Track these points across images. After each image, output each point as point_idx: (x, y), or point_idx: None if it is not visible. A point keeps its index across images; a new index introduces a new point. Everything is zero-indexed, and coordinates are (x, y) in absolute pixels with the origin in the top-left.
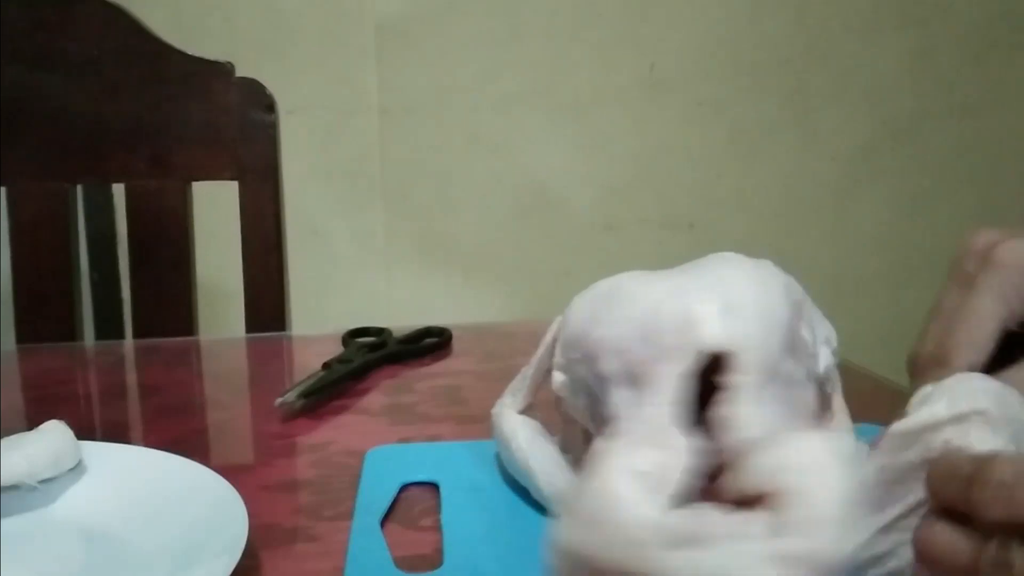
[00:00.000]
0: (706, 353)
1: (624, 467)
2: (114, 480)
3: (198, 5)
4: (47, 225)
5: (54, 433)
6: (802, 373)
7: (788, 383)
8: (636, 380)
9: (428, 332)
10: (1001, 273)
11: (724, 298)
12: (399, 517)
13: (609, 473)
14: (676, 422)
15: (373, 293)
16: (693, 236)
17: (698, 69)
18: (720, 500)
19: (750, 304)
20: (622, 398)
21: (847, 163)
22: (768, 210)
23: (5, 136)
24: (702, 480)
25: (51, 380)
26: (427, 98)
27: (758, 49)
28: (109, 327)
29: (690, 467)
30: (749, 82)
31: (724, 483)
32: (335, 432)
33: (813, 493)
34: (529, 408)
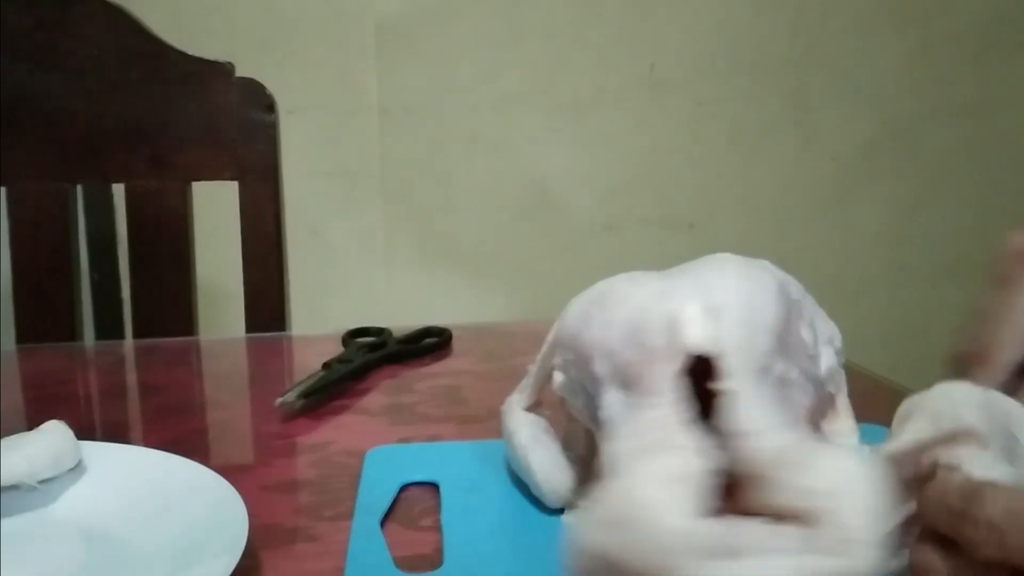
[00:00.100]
0: (692, 355)
1: (658, 473)
2: (114, 480)
3: (198, 5)
4: (47, 225)
5: (54, 433)
6: (796, 373)
7: (781, 384)
8: (627, 381)
9: (428, 332)
10: None
11: (709, 300)
12: (399, 517)
13: (641, 478)
14: (686, 424)
15: (373, 293)
16: (693, 236)
17: (698, 69)
18: (732, 504)
19: (735, 306)
20: (615, 399)
21: (847, 163)
22: (768, 210)
23: (5, 136)
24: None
25: (51, 380)
26: (427, 98)
27: (758, 49)
28: (109, 327)
29: (711, 471)
30: (749, 82)
31: (749, 496)
32: (335, 432)
33: (846, 512)
34: (536, 406)
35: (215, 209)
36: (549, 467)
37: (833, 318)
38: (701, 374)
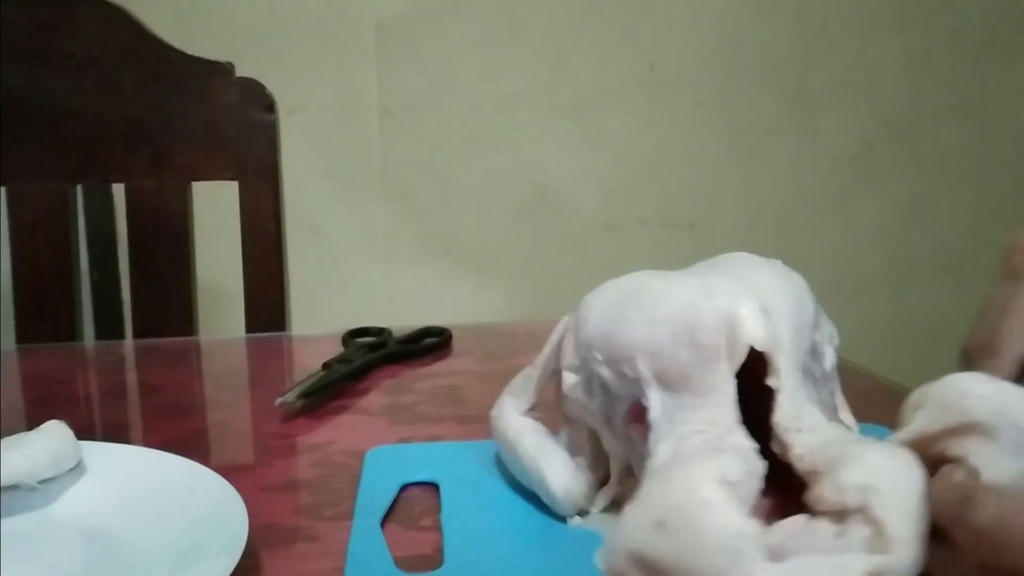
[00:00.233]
0: (745, 354)
1: (714, 474)
2: (114, 480)
3: (198, 5)
4: (47, 225)
5: (54, 433)
6: (820, 371)
7: (814, 382)
8: (675, 382)
9: (428, 332)
10: None
11: (760, 298)
12: (399, 517)
13: (699, 479)
14: (740, 425)
15: (373, 293)
16: (693, 236)
17: (698, 69)
18: (773, 501)
19: (781, 304)
20: (659, 400)
21: (847, 163)
22: (768, 210)
23: (5, 136)
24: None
25: (51, 380)
26: (427, 98)
27: (758, 49)
28: (109, 327)
29: (762, 472)
30: (749, 82)
31: (802, 493)
32: (335, 432)
33: (885, 508)
34: (531, 409)
35: (215, 209)
36: (564, 475)
37: (833, 318)
38: (742, 373)
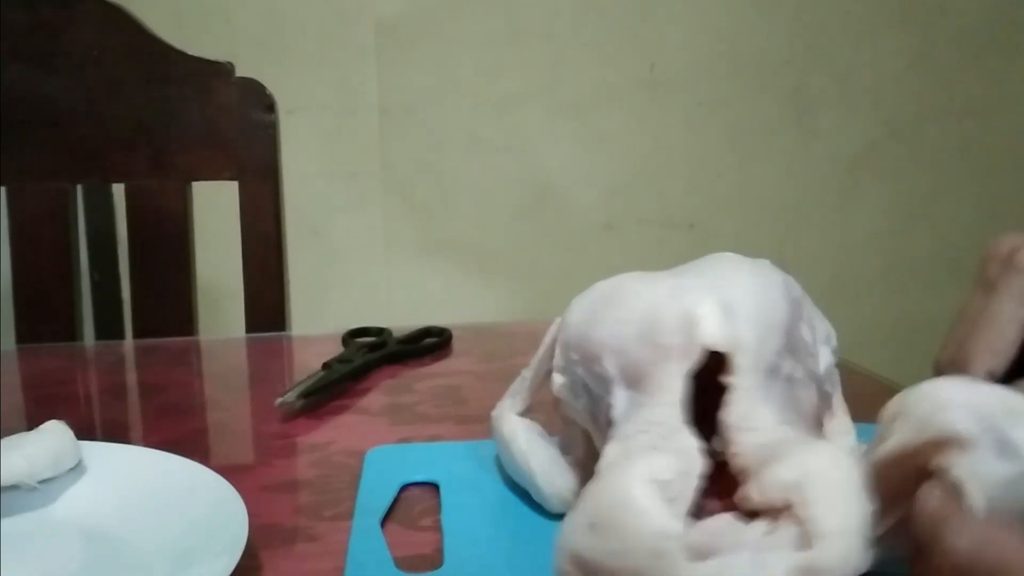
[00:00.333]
0: (705, 353)
1: (644, 474)
2: (114, 480)
3: (198, 5)
4: (47, 225)
5: (54, 433)
6: (802, 372)
7: (789, 383)
8: (636, 381)
9: (428, 332)
10: (1023, 277)
11: (723, 298)
12: (399, 517)
13: (628, 480)
14: (685, 424)
15: (373, 293)
16: (693, 236)
17: (698, 69)
18: (721, 501)
19: (749, 304)
20: (623, 399)
21: (847, 163)
22: (768, 210)
23: (5, 136)
24: (705, 482)
25: (51, 380)
26: (427, 98)
27: (758, 49)
28: (109, 327)
29: (702, 472)
30: (749, 82)
31: (739, 493)
32: (335, 432)
33: (828, 506)
34: (528, 410)
35: (215, 209)
36: (551, 472)
37: (833, 318)
38: (706, 373)
